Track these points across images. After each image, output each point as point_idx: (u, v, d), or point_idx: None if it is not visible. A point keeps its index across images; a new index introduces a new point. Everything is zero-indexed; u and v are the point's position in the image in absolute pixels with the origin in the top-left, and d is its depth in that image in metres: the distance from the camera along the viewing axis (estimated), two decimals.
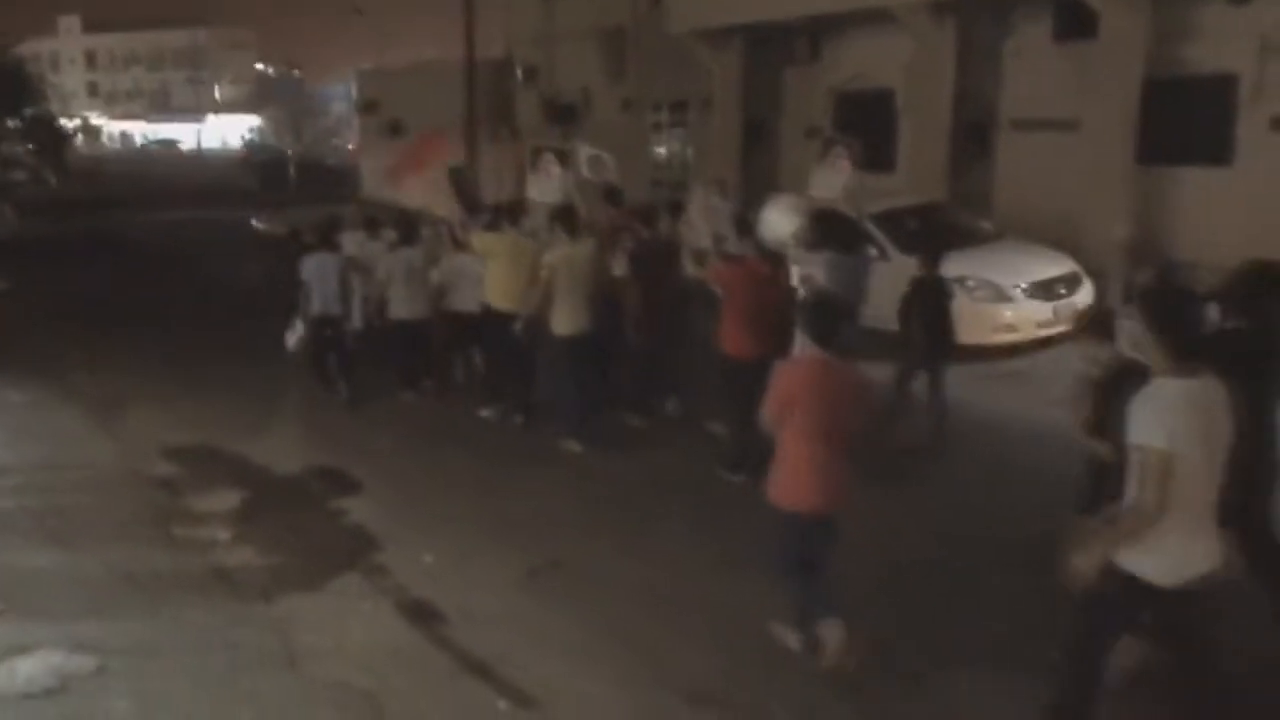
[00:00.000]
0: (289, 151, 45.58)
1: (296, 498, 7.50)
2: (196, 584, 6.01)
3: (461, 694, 4.86)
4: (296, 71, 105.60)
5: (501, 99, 25.39)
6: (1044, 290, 10.68)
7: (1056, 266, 11.09)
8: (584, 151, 10.97)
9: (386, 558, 6.36)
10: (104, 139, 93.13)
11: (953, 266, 10.67)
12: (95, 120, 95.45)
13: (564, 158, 10.05)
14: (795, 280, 6.89)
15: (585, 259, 8.12)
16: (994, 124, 14.73)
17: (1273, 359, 4.84)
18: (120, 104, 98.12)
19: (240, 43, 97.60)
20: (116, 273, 18.46)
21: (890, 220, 11.79)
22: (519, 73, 24.79)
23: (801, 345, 5.13)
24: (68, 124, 58.46)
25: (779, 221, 7.65)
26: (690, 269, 8.05)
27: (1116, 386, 4.30)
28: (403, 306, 9.37)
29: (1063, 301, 10.71)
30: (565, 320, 8.08)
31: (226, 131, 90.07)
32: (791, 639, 5.09)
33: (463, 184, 10.42)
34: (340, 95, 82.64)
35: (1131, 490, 3.64)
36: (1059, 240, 12.10)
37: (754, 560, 5.50)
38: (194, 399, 9.99)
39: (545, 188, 9.76)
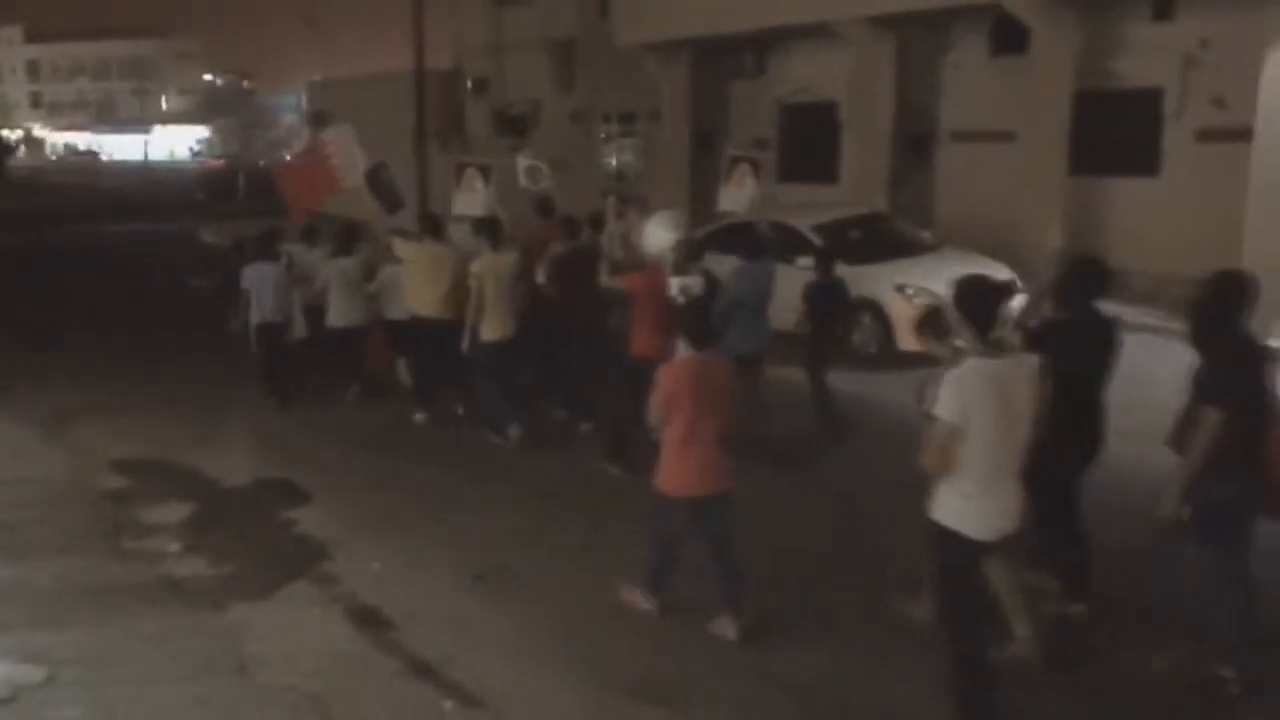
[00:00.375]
0: (260, 163, 45.18)
1: (247, 508, 7.55)
2: (147, 594, 6.07)
3: (408, 695, 4.98)
4: (246, 82, 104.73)
5: (452, 110, 25.45)
6: None
7: (993, 275, 11.40)
8: (522, 162, 11.29)
9: (336, 566, 6.46)
10: (48, 150, 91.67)
11: (893, 275, 11.08)
12: (39, 132, 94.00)
13: (487, 172, 10.25)
14: (674, 290, 7.29)
15: (509, 268, 8.54)
16: (934, 135, 15.11)
17: (1102, 345, 5.32)
18: (65, 115, 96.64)
19: (187, 53, 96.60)
20: (65, 285, 18.30)
21: (832, 230, 12.09)
22: (469, 84, 24.87)
23: (681, 346, 5.52)
24: (10, 135, 57.64)
25: (659, 234, 8.12)
26: (604, 279, 8.41)
27: None
28: (338, 314, 9.78)
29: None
30: (491, 327, 8.50)
31: (174, 142, 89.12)
32: (643, 601, 5.69)
33: (380, 184, 10.59)
34: (291, 106, 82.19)
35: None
36: (997, 248, 12.47)
37: (700, 563, 5.71)
38: (144, 411, 10.00)
39: (470, 202, 9.99)
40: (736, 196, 10.11)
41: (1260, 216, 10.58)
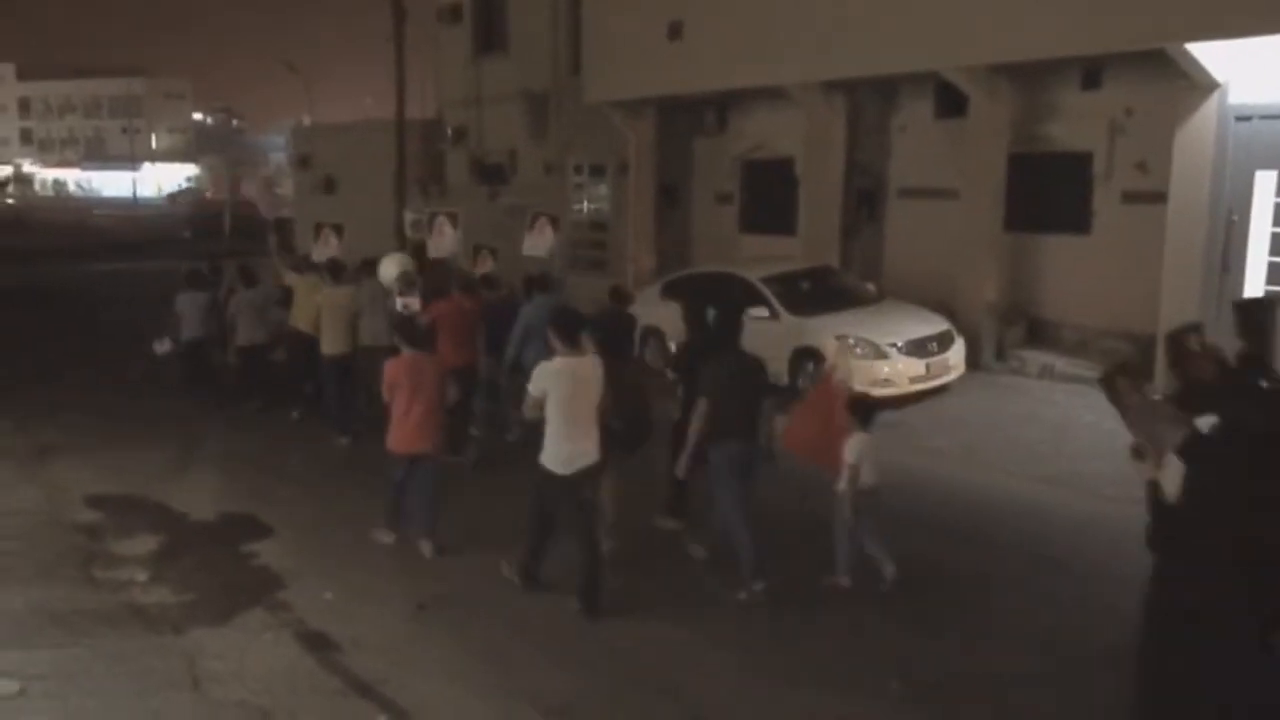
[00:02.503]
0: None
1: (211, 541, 8.11)
2: (113, 619, 6.61)
3: (346, 710, 5.54)
4: (235, 121, 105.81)
5: (432, 158, 26.17)
6: (918, 348, 11.69)
7: (930, 326, 12.11)
8: (408, 216, 14.12)
9: (290, 594, 7.02)
10: (36, 187, 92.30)
11: (836, 326, 11.75)
12: (29, 168, 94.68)
13: (339, 230, 13.07)
14: (398, 306, 9.87)
15: (345, 298, 10.79)
16: (883, 192, 15.85)
17: (735, 364, 7.07)
18: (55, 152, 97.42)
19: (177, 92, 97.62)
20: (46, 324, 18.77)
21: (781, 282, 12.78)
22: (449, 133, 25.57)
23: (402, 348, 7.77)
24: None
25: (388, 269, 11.08)
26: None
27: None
28: (244, 335, 11.90)
29: (935, 358, 11.76)
30: (328, 343, 10.70)
31: (163, 180, 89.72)
32: (384, 536, 7.80)
33: (284, 233, 14.28)
34: (280, 145, 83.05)
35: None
36: (939, 301, 13.18)
37: (619, 595, 6.32)
38: (119, 448, 10.56)
39: (323, 251, 12.63)
40: (538, 243, 12.54)
41: (1174, 275, 11.25)
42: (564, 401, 6.30)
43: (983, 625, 6.37)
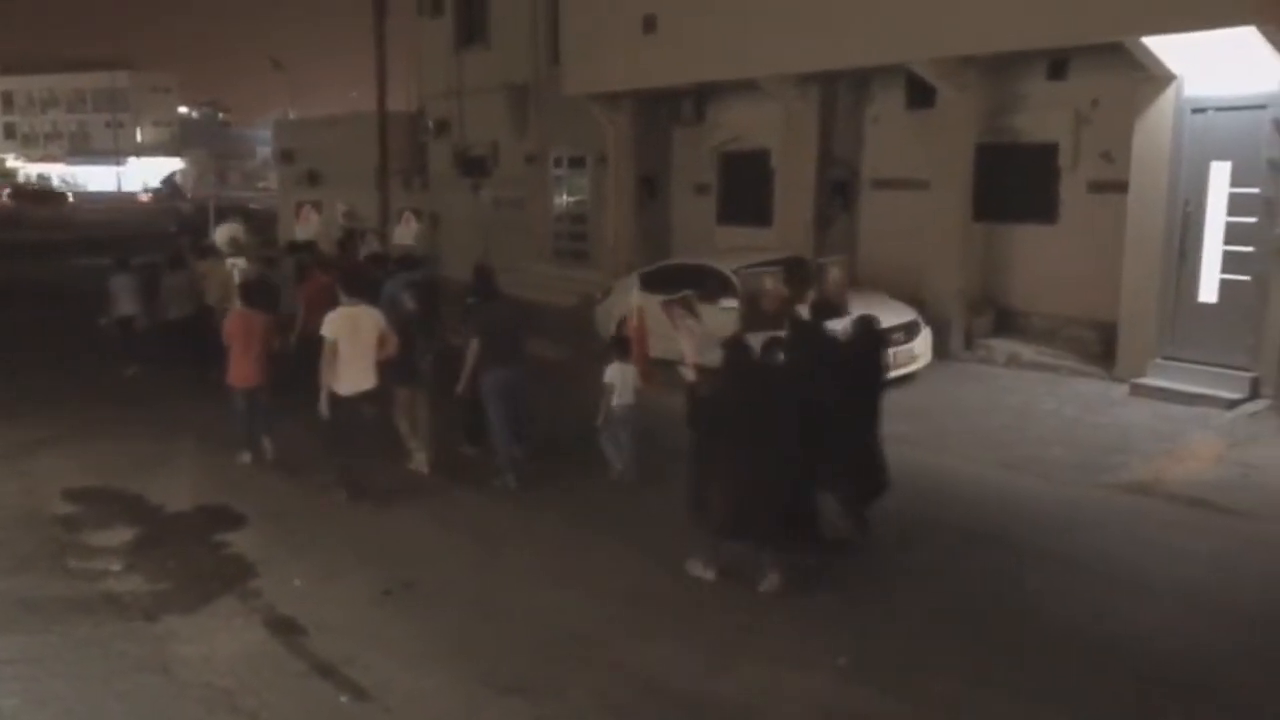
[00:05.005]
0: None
1: (186, 532, 8.26)
2: (86, 607, 6.79)
3: (309, 691, 5.74)
4: (221, 114, 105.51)
5: (414, 151, 26.27)
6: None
7: (897, 316, 12.30)
8: (340, 207, 16.16)
9: (261, 582, 7.21)
10: (20, 180, 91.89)
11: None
12: (12, 163, 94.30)
13: (248, 213, 14.91)
14: (229, 266, 12.40)
15: (224, 272, 13.00)
16: (857, 183, 16.03)
17: (506, 314, 9.43)
18: (39, 146, 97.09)
19: (161, 85, 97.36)
20: (28, 319, 18.82)
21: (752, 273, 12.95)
22: (431, 125, 25.66)
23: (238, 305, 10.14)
24: None
25: (221, 235, 13.98)
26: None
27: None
28: (171, 311, 13.71)
29: (901, 348, 11.97)
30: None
31: (148, 174, 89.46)
32: (244, 457, 9.78)
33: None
34: (266, 139, 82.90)
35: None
36: (911, 290, 13.39)
37: (578, 578, 6.51)
38: (98, 443, 10.67)
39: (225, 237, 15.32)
40: (405, 232, 15.20)
41: (1134, 262, 11.47)
42: (345, 340, 8.38)
43: (939, 605, 6.58)
